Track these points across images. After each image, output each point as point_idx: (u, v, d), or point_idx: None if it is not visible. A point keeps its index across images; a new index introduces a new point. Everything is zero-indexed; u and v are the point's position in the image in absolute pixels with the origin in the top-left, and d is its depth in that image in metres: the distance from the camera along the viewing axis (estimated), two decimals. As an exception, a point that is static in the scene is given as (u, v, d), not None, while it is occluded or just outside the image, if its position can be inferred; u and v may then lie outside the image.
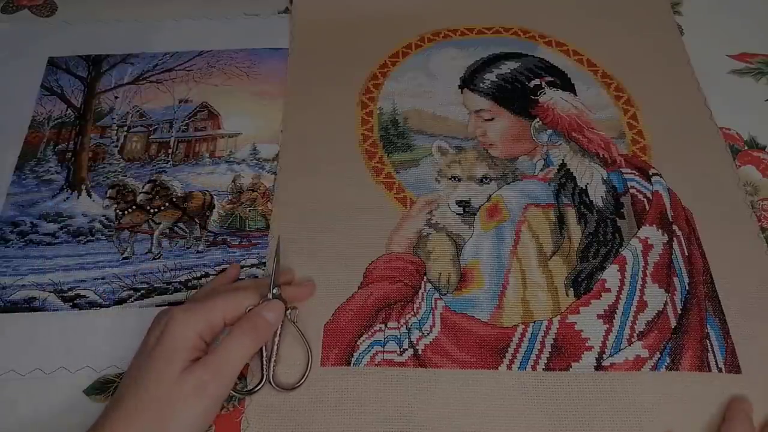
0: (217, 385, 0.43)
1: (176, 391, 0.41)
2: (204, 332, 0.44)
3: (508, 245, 0.55)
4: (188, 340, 0.43)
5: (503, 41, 0.69)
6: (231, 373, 0.44)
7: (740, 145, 0.62)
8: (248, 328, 0.45)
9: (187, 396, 0.41)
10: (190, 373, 0.42)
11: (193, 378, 0.42)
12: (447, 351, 0.50)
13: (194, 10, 0.73)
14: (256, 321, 0.46)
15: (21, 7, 0.75)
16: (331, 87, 0.66)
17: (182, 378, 0.42)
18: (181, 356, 0.43)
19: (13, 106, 0.66)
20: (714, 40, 0.70)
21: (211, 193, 0.61)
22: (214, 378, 0.42)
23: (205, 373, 0.42)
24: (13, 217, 0.59)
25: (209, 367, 0.43)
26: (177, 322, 0.44)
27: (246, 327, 0.45)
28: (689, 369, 0.49)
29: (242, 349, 0.45)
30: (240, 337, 0.45)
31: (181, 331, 0.43)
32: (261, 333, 0.46)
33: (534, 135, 0.62)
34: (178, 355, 0.43)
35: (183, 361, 0.42)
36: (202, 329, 0.44)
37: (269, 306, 0.47)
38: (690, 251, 0.55)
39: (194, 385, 0.42)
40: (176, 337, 0.43)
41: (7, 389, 0.50)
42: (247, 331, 0.45)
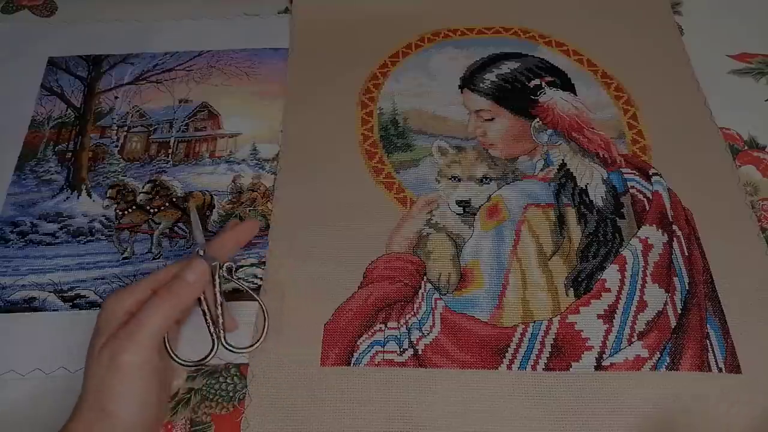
0: (131, 353, 0.40)
1: (96, 366, 0.40)
2: (132, 307, 0.43)
3: (508, 245, 0.55)
4: (114, 316, 0.42)
5: (503, 41, 0.69)
6: (146, 339, 0.41)
7: (740, 145, 0.62)
8: (163, 290, 0.43)
9: (105, 369, 0.40)
10: (104, 348, 0.40)
11: (106, 350, 0.40)
12: (447, 351, 0.50)
13: (194, 10, 0.73)
14: (172, 284, 0.44)
15: (21, 7, 0.75)
16: (331, 87, 0.66)
17: (99, 352, 0.40)
18: (103, 332, 0.41)
19: (13, 106, 0.66)
20: (714, 40, 0.69)
21: (211, 193, 0.61)
22: (128, 346, 0.40)
23: (114, 345, 0.40)
24: (13, 217, 0.59)
25: (119, 336, 0.41)
26: (107, 300, 0.43)
27: (161, 291, 0.43)
28: (689, 369, 0.49)
29: (157, 313, 0.42)
30: (154, 302, 0.42)
31: (110, 308, 0.42)
32: (179, 295, 0.43)
33: (534, 135, 0.62)
34: (102, 333, 0.41)
35: (104, 338, 0.41)
36: (132, 304, 0.43)
37: (188, 265, 0.44)
38: (690, 251, 0.55)
39: (108, 356, 0.40)
40: (105, 315, 0.42)
41: (7, 389, 0.50)
42: (162, 294, 0.43)
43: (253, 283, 0.55)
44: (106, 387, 0.40)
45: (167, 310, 0.43)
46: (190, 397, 0.49)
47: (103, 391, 0.40)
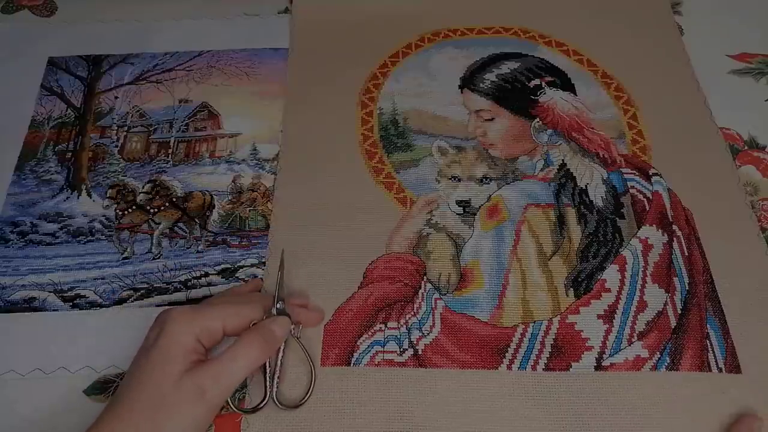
0: (215, 393, 0.42)
1: (174, 393, 0.41)
2: (202, 337, 0.44)
3: (508, 245, 0.55)
4: (186, 343, 0.43)
5: (503, 41, 0.69)
6: (232, 382, 0.43)
7: (740, 145, 0.62)
8: (256, 338, 0.45)
9: (184, 400, 0.41)
10: (189, 377, 0.41)
11: (192, 382, 0.41)
12: (447, 351, 0.50)
13: (194, 10, 0.73)
14: (264, 333, 0.45)
15: (21, 7, 0.75)
16: (331, 87, 0.66)
17: (181, 381, 0.41)
18: (178, 358, 0.42)
19: (13, 106, 0.66)
20: (714, 40, 0.69)
21: (211, 193, 0.61)
22: (214, 385, 0.42)
23: (205, 379, 0.42)
24: (13, 217, 0.59)
25: (210, 372, 0.42)
26: (175, 323, 0.43)
27: (254, 338, 0.45)
28: (689, 369, 0.49)
29: (247, 359, 0.44)
30: (247, 347, 0.44)
31: (179, 332, 0.43)
32: (268, 345, 0.45)
33: (534, 135, 0.62)
34: (175, 357, 0.42)
35: (180, 364, 0.42)
36: (200, 333, 0.44)
37: (277, 320, 0.47)
38: (690, 251, 0.55)
39: (193, 389, 0.41)
40: (174, 338, 0.43)
41: (7, 389, 0.50)
42: (255, 341, 0.44)
43: (253, 283, 0.55)
44: (175, 412, 0.40)
45: (255, 358, 0.44)
46: (190, 397, 0.49)
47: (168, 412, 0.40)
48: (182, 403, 0.41)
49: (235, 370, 0.43)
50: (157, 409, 0.40)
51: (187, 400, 0.41)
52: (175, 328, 0.43)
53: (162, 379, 0.41)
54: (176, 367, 0.41)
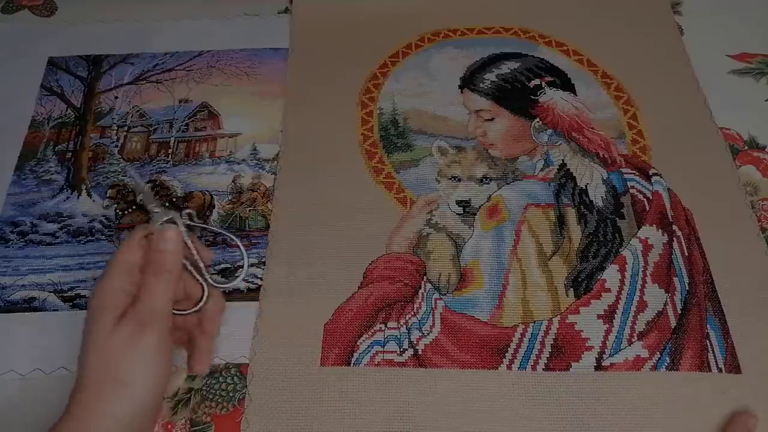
0: (151, 331, 0.41)
1: (114, 343, 0.40)
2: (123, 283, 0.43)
3: (508, 245, 0.55)
4: (117, 297, 0.42)
5: (503, 41, 0.69)
6: (159, 316, 0.42)
7: (740, 145, 0.62)
8: (155, 269, 0.43)
9: (125, 345, 0.40)
10: (121, 325, 0.41)
11: (125, 328, 0.41)
12: (447, 351, 0.50)
13: (194, 10, 0.73)
14: (158, 259, 0.44)
15: (21, 7, 0.75)
16: (331, 87, 0.66)
17: (115, 330, 0.41)
18: (108, 312, 0.41)
19: (13, 106, 0.66)
20: (714, 40, 0.69)
21: (211, 193, 0.61)
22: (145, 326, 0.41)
23: (134, 321, 0.41)
24: (13, 217, 0.59)
25: (138, 315, 0.41)
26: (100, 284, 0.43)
27: (152, 269, 0.43)
28: (689, 369, 0.49)
29: (163, 290, 0.43)
30: (154, 281, 0.43)
31: (107, 289, 0.42)
32: (169, 267, 0.43)
33: (534, 135, 0.62)
34: (105, 311, 0.41)
35: (112, 317, 0.41)
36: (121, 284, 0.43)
37: (161, 237, 0.44)
38: (690, 251, 0.55)
39: (128, 333, 0.40)
40: (103, 296, 0.42)
41: (7, 389, 0.50)
42: (155, 272, 0.43)
43: (253, 284, 0.55)
44: (124, 361, 0.40)
45: (168, 284, 0.43)
46: (190, 397, 0.49)
47: (119, 364, 0.40)
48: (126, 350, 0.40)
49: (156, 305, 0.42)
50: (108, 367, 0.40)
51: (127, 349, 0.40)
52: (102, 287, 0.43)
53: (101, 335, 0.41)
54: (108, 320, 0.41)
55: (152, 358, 0.41)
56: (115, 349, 0.41)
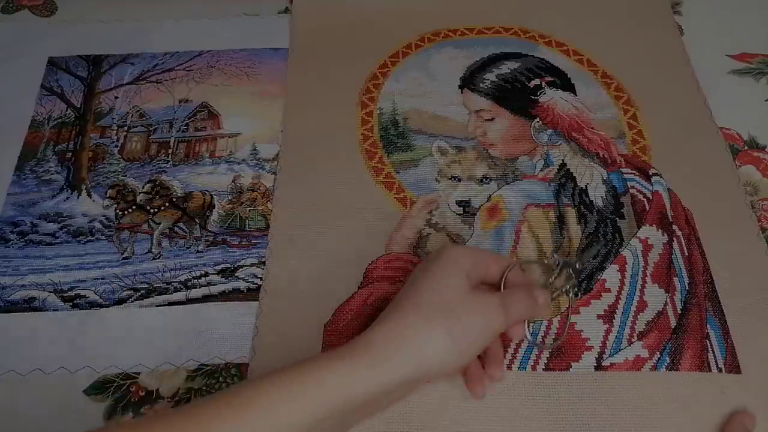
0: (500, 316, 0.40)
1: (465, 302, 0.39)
2: (472, 271, 0.42)
3: (508, 245, 0.55)
4: (468, 267, 0.41)
5: (503, 41, 0.69)
6: (515, 317, 0.42)
7: (740, 145, 0.62)
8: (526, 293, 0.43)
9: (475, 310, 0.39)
10: (482, 294, 0.40)
11: (484, 298, 0.40)
12: (447, 351, 0.50)
13: (194, 10, 0.73)
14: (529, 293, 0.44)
15: (21, 7, 0.75)
16: (331, 87, 0.66)
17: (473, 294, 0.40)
18: (465, 275, 0.41)
19: (13, 106, 0.66)
20: (714, 40, 0.69)
21: (211, 193, 0.61)
22: (502, 307, 0.40)
23: (494, 299, 0.40)
24: (13, 217, 0.59)
25: (499, 297, 0.41)
26: (455, 249, 0.43)
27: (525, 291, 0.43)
28: (689, 369, 0.49)
29: (523, 304, 0.43)
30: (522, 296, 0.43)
31: (462, 257, 0.42)
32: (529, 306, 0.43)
33: (534, 135, 0.62)
34: (463, 273, 0.41)
35: (468, 280, 0.41)
36: (472, 268, 0.42)
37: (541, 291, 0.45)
38: (690, 251, 0.55)
39: (484, 304, 0.40)
40: (460, 259, 0.42)
41: (7, 389, 0.50)
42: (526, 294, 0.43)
43: (253, 283, 0.55)
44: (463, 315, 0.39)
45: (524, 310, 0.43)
46: (190, 397, 0.49)
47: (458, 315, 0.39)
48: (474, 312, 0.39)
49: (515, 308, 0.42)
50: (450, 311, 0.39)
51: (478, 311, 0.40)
52: (457, 251, 0.42)
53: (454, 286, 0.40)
54: (465, 282, 0.41)
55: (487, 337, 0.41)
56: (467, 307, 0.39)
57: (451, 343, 0.39)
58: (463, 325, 0.39)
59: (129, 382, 0.50)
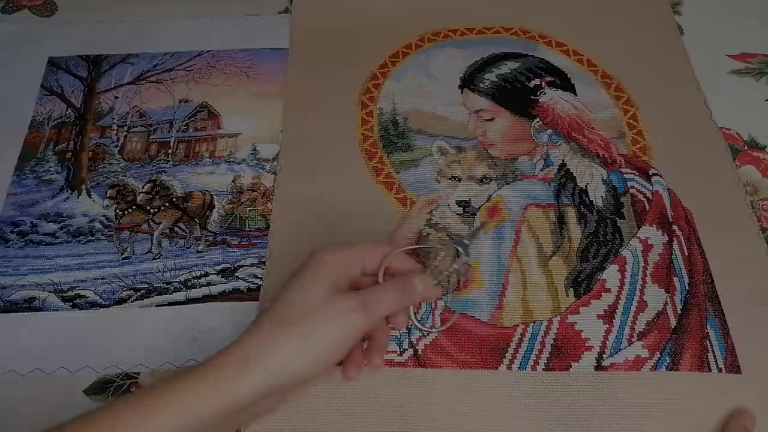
0: (362, 317, 0.41)
1: (324, 308, 0.40)
2: (342, 270, 0.43)
3: (508, 245, 0.55)
4: (332, 271, 0.42)
5: (503, 41, 0.69)
6: (377, 313, 0.42)
7: (740, 145, 0.62)
8: (397, 285, 0.43)
9: (334, 315, 0.40)
10: (342, 298, 0.41)
11: (344, 302, 0.40)
12: (447, 351, 0.50)
13: (194, 10, 0.73)
14: (405, 284, 0.44)
15: (21, 7, 0.75)
16: (331, 87, 0.66)
17: (332, 298, 0.40)
18: (327, 280, 0.41)
19: (13, 106, 0.66)
20: (714, 40, 0.69)
21: (211, 193, 0.61)
22: (363, 308, 0.41)
23: (354, 301, 0.41)
24: (13, 217, 0.59)
25: (360, 298, 0.41)
26: (321, 253, 0.43)
27: (395, 283, 0.44)
28: (689, 369, 0.49)
29: (391, 298, 0.43)
30: (389, 287, 0.43)
31: (326, 261, 0.42)
32: (406, 296, 0.44)
33: (534, 135, 0.62)
34: (324, 279, 0.41)
35: (330, 285, 0.41)
36: (341, 268, 0.43)
37: (420, 277, 0.45)
38: (690, 251, 0.55)
39: (344, 308, 0.40)
40: (321, 265, 0.42)
41: (7, 389, 0.50)
42: (395, 286, 0.43)
43: (253, 284, 0.55)
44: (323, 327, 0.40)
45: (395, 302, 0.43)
46: (190, 397, 0.49)
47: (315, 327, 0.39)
48: (333, 317, 0.40)
49: (379, 305, 0.42)
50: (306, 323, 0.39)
51: (337, 315, 0.40)
52: (321, 256, 0.42)
53: (313, 294, 0.40)
54: (326, 288, 0.41)
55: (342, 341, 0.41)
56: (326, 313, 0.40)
57: (304, 355, 0.39)
58: (316, 335, 0.40)
59: (129, 382, 0.50)
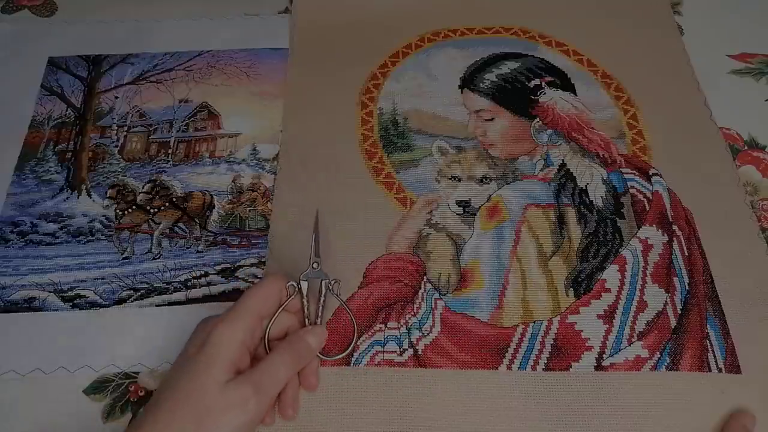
0: (258, 402, 0.42)
1: (218, 401, 0.41)
2: (246, 340, 0.44)
3: (508, 245, 0.55)
4: (231, 351, 0.43)
5: (503, 41, 0.69)
6: (272, 392, 0.43)
7: (740, 145, 0.62)
8: (290, 351, 0.45)
9: (228, 408, 0.41)
10: (234, 387, 0.41)
11: (237, 391, 0.41)
12: (447, 351, 0.50)
13: (194, 10, 0.73)
14: (299, 346, 0.46)
15: (21, 7, 0.75)
16: (331, 87, 0.66)
17: (226, 389, 0.41)
18: (223, 367, 0.42)
19: (13, 106, 0.66)
20: (714, 40, 0.70)
21: (211, 193, 0.61)
22: (257, 394, 0.42)
23: (248, 388, 0.41)
24: (13, 217, 0.59)
25: (253, 382, 0.42)
26: (219, 331, 0.43)
27: (287, 350, 0.45)
28: (689, 369, 0.49)
29: (284, 370, 0.44)
30: (281, 358, 0.44)
31: (225, 341, 0.43)
32: (302, 357, 0.46)
33: (534, 135, 0.62)
34: (220, 366, 0.42)
35: (226, 373, 0.42)
36: (244, 337, 0.44)
37: (312, 331, 0.47)
38: (690, 251, 0.55)
39: (238, 398, 0.41)
40: (220, 347, 0.42)
41: (7, 389, 0.50)
42: (288, 352, 0.45)
43: (253, 284, 0.55)
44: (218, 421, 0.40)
45: (290, 369, 0.45)
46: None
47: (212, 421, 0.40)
48: (227, 411, 0.41)
49: (274, 381, 0.43)
50: (201, 417, 0.40)
51: (232, 408, 0.41)
52: (219, 337, 0.43)
53: (207, 387, 0.41)
54: (221, 376, 0.41)
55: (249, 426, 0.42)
56: (220, 406, 0.40)
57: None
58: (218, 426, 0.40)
59: (128, 382, 0.50)
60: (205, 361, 0.42)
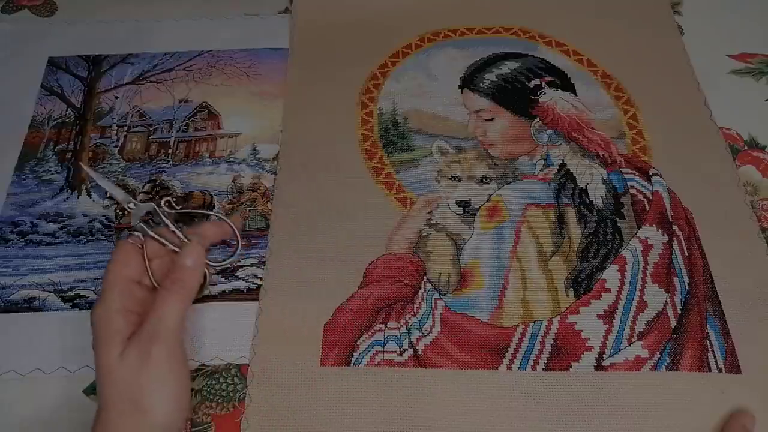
0: (159, 349, 0.41)
1: (125, 372, 0.40)
2: (127, 305, 0.43)
3: (508, 245, 0.55)
4: (112, 325, 0.42)
5: (503, 41, 0.69)
6: (170, 333, 0.42)
7: (740, 145, 0.62)
8: (172, 284, 0.44)
9: (136, 370, 0.40)
10: (129, 351, 0.41)
11: (132, 352, 0.41)
12: (447, 351, 0.50)
13: (194, 10, 0.73)
14: (178, 275, 0.44)
15: (21, 7, 0.75)
16: (331, 87, 0.66)
17: (125, 358, 0.41)
18: (112, 342, 0.41)
19: (13, 106, 0.66)
20: (714, 40, 0.69)
21: (211, 193, 0.61)
22: (153, 343, 0.41)
23: (140, 344, 0.41)
24: (13, 217, 0.59)
25: (143, 337, 0.41)
26: (95, 314, 0.43)
27: (169, 284, 0.44)
28: (689, 369, 0.49)
29: (173, 306, 0.43)
30: (167, 296, 0.43)
31: (103, 319, 0.42)
32: (187, 284, 0.44)
33: (534, 135, 0.62)
34: (109, 343, 0.41)
35: (119, 346, 0.41)
36: (121, 305, 0.43)
37: (185, 252, 0.45)
38: (690, 251, 0.55)
39: (136, 357, 0.40)
40: (99, 328, 0.42)
41: (7, 389, 0.50)
42: (171, 287, 0.44)
43: (253, 284, 0.55)
44: (138, 386, 0.40)
45: (181, 301, 0.44)
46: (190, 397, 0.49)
47: (134, 390, 0.40)
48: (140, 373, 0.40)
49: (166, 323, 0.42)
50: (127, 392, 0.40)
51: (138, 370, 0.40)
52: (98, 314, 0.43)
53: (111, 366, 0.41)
54: (116, 350, 0.41)
55: (166, 378, 0.41)
56: (127, 376, 0.40)
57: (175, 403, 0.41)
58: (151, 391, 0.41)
59: (129, 382, 0.50)
60: (96, 347, 0.42)
